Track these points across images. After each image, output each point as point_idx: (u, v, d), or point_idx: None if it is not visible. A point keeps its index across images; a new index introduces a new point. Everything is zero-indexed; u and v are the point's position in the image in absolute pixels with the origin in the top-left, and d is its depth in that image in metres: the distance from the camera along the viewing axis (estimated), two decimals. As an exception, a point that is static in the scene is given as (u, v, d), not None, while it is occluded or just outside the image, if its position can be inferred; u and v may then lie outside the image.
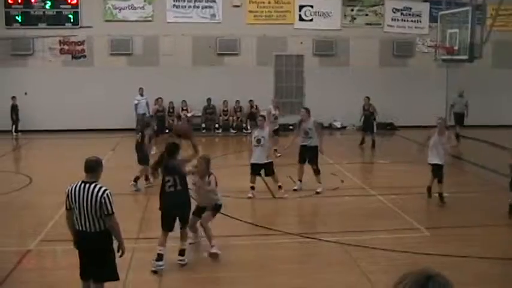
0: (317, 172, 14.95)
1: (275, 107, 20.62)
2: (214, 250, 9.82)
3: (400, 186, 15.75)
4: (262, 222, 12.09)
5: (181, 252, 9.61)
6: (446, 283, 2.32)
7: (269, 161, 14.45)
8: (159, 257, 9.32)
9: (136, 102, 24.62)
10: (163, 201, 9.56)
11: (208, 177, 10.16)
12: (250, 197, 14.25)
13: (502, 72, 28.03)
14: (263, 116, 15.74)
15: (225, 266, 9.66)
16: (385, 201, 14.12)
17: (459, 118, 23.90)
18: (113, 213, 7.30)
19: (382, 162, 19.50)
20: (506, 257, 10.14)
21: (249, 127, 26.54)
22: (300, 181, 15.16)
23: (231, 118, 26.66)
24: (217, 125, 26.62)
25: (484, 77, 27.09)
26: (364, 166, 18.71)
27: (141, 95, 24.67)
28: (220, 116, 26.62)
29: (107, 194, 7.26)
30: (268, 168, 14.45)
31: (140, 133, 15.97)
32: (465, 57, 20.48)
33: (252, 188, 14.44)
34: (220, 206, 10.38)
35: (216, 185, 10.23)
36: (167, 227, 9.54)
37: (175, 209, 9.52)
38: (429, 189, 13.83)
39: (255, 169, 14.48)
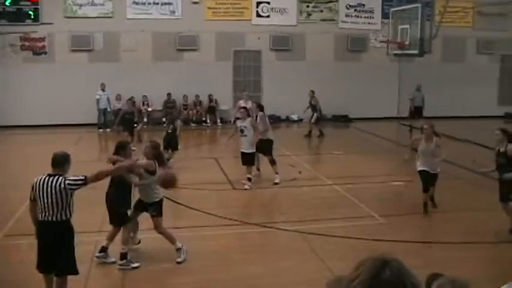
0: (273, 163, 15.46)
1: (245, 101, 20.94)
2: (179, 259, 9.57)
3: (356, 176, 16.27)
4: (223, 213, 12.28)
5: (121, 257, 9.41)
6: (402, 267, 2.31)
7: (250, 151, 14.94)
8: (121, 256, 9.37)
9: (98, 97, 25.13)
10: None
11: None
12: (248, 188, 14.76)
13: (450, 66, 29.13)
14: (245, 108, 16.13)
15: (190, 257, 9.69)
16: (341, 190, 14.56)
17: (418, 111, 24.94)
18: (85, 178, 7.29)
19: (338, 153, 20.04)
20: (457, 241, 10.53)
21: (208, 121, 27.14)
22: (258, 170, 15.89)
23: (190, 112, 27.18)
24: (177, 119, 27.01)
25: (433, 70, 28.06)
26: (321, 157, 19.35)
27: (103, 90, 25.14)
28: (181, 110, 27.09)
29: (67, 178, 7.25)
30: (249, 158, 14.99)
31: (172, 125, 17.54)
32: (416, 52, 21.16)
33: (249, 179, 14.94)
34: (161, 201, 9.80)
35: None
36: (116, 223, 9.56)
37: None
38: (426, 204, 12.39)
39: (244, 158, 15.05)
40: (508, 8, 29.25)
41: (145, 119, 26.33)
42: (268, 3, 27.99)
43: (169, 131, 17.66)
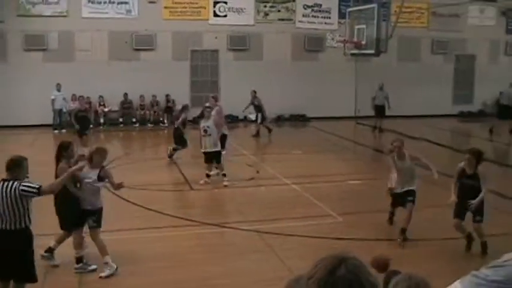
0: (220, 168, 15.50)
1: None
2: (104, 274, 9.09)
3: (314, 175, 16.35)
4: (180, 213, 12.23)
5: (76, 261, 9.25)
6: (358, 265, 2.34)
7: (217, 149, 15.06)
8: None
9: (53, 97, 24.75)
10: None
11: (101, 171, 9.38)
12: (203, 183, 14.89)
13: (406, 65, 29.52)
14: (209, 107, 16.19)
15: (144, 258, 9.65)
16: (299, 189, 14.58)
17: (380, 110, 25.10)
18: (38, 189, 7.03)
19: (296, 153, 20.07)
20: (413, 238, 10.63)
21: (165, 121, 26.95)
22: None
23: (147, 112, 26.96)
24: (134, 119, 26.84)
25: (390, 70, 28.31)
26: (279, 156, 19.34)
27: (58, 90, 24.79)
28: (137, 110, 26.89)
29: (22, 184, 6.98)
30: (215, 156, 15.07)
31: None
32: (372, 51, 21.40)
33: (208, 175, 15.07)
34: (101, 210, 9.43)
35: (110, 181, 9.59)
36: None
37: None
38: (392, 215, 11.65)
39: (207, 157, 15.09)
40: (461, 9, 29.75)
41: (101, 120, 26.05)
42: (226, 3, 27.93)
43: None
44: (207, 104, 18.40)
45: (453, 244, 10.33)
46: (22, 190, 6.99)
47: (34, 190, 7.05)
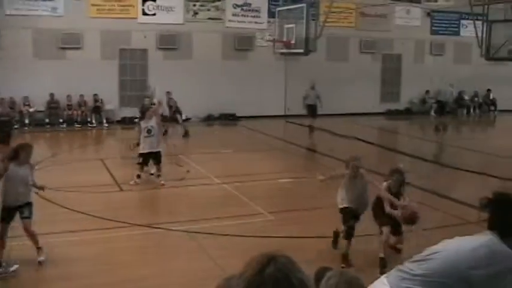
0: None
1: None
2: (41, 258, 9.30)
3: (244, 174, 16.36)
4: (109, 215, 12.00)
5: None
6: (288, 263, 2.37)
7: (159, 149, 14.98)
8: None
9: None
10: None
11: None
12: (134, 184, 14.72)
13: (335, 64, 29.92)
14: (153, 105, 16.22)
15: (74, 261, 9.47)
16: (230, 189, 14.54)
17: (312, 110, 25.05)
18: None
19: (226, 152, 20.04)
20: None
21: (93, 121, 26.48)
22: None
23: (75, 112, 26.41)
24: (61, 120, 26.22)
25: (318, 69, 28.55)
26: (209, 156, 19.24)
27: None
28: (65, 110, 26.28)
29: None
30: (157, 156, 14.95)
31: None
32: (301, 50, 21.62)
33: (139, 176, 14.89)
34: (31, 204, 9.49)
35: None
36: None
37: None
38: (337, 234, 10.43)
39: (147, 158, 14.96)
40: (388, 10, 30.34)
41: (26, 121, 25.40)
42: (154, 1, 27.64)
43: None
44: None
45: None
46: None
47: None
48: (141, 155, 14.99)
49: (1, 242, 9.15)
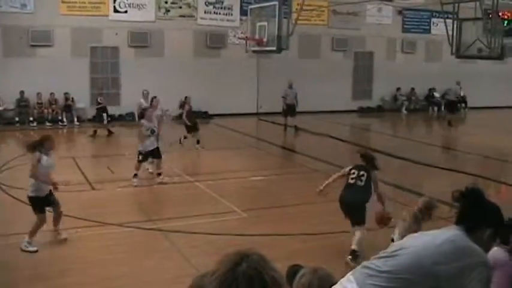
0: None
1: (146, 98, 20.10)
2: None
3: (216, 172, 16.38)
4: (81, 214, 11.88)
5: None
6: (260, 260, 2.39)
7: (157, 146, 15.11)
8: None
9: None
10: None
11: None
12: (136, 185, 14.66)
13: (307, 62, 30.02)
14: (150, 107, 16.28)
15: (46, 261, 9.45)
16: (202, 187, 14.52)
17: (291, 109, 25.05)
18: None
19: (198, 150, 19.99)
20: (313, 232, 10.85)
21: (64, 119, 26.22)
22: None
23: (46, 111, 26.12)
24: (31, 118, 25.89)
25: (291, 66, 28.62)
26: (181, 154, 19.20)
27: None
28: (35, 108, 25.96)
29: None
30: (158, 152, 15.10)
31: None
32: (273, 48, 21.54)
33: (136, 175, 14.84)
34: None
35: None
36: None
37: None
38: None
39: (146, 156, 15.06)
40: (359, 8, 30.47)
41: (-5, 119, 25.13)
42: (126, -2, 27.43)
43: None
44: (144, 103, 19.05)
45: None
46: None
47: None
48: (141, 153, 14.92)
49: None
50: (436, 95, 34.12)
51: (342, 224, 9.97)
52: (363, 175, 9.60)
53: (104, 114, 23.99)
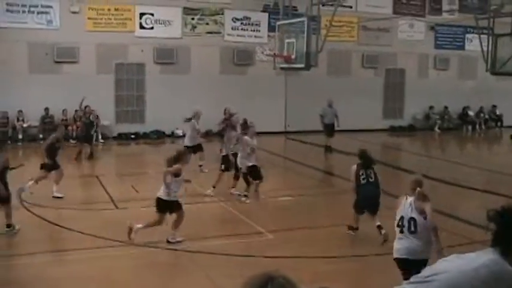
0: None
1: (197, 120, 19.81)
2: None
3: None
4: (105, 233, 11.64)
5: None
6: (286, 283, 2.39)
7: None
8: None
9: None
10: None
11: None
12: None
13: (336, 79, 29.49)
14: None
15: (69, 281, 9.28)
16: (227, 206, 14.27)
17: (330, 129, 23.90)
18: None
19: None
20: (339, 254, 10.59)
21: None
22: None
23: (70, 128, 25.79)
24: (55, 135, 25.53)
25: (319, 84, 28.17)
26: (206, 173, 18.72)
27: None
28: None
29: None
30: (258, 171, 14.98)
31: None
32: (302, 65, 21.13)
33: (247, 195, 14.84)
34: None
35: None
36: None
37: None
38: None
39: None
40: (391, 24, 29.98)
41: (20, 136, 24.78)
42: (152, 14, 27.20)
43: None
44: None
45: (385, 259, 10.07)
46: None
47: None
48: (250, 167, 14.89)
49: None
50: (471, 113, 33.28)
51: (369, 246, 10.15)
52: (370, 172, 11.49)
53: (94, 132, 22.78)
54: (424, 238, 7.65)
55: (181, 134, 26.83)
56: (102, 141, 26.01)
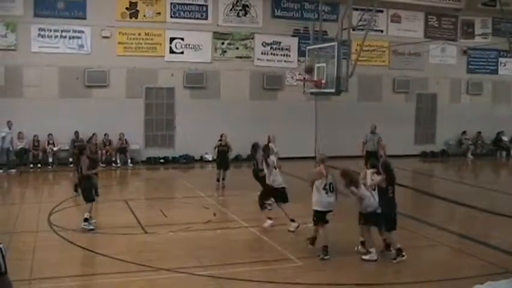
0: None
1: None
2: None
3: (273, 218, 15.54)
4: (133, 258, 11.57)
5: None
6: None
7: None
8: None
9: (3, 134, 23.60)
10: None
11: None
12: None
13: (367, 104, 29.22)
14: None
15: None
16: (257, 233, 14.03)
17: (371, 157, 23.09)
18: (6, 272, 6.06)
19: (253, 194, 19.23)
20: (369, 282, 10.44)
21: (118, 161, 25.86)
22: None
23: (99, 152, 25.78)
24: (85, 159, 25.56)
25: (350, 109, 27.94)
26: (235, 199, 18.51)
27: (9, 128, 23.68)
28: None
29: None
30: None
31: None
32: (332, 90, 20.86)
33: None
34: None
35: None
36: None
37: None
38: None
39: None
40: (422, 48, 29.70)
41: (50, 159, 24.85)
42: (182, 39, 27.28)
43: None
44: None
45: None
46: None
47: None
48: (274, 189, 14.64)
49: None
50: (505, 138, 32.67)
51: (401, 274, 10.03)
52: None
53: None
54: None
55: (210, 159, 26.71)
56: (131, 165, 26.01)
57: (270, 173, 14.65)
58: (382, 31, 29.99)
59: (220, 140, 21.46)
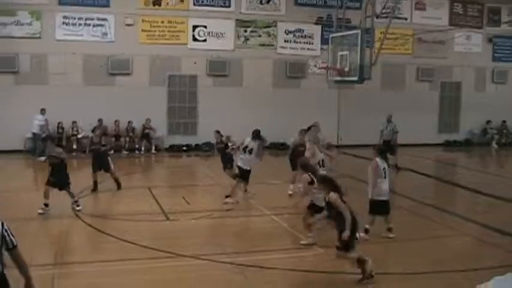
0: None
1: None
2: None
3: (293, 206, 15.43)
4: (156, 245, 11.62)
5: None
6: None
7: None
8: None
9: (37, 122, 23.96)
10: None
11: None
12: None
13: (390, 93, 29.03)
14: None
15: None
16: (279, 220, 14.01)
17: (388, 147, 21.47)
18: (16, 245, 5.91)
19: (274, 183, 19.35)
20: (398, 271, 10.29)
21: (142, 148, 26.00)
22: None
23: (123, 139, 25.96)
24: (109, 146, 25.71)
25: (373, 97, 27.85)
26: (258, 187, 18.51)
27: (43, 115, 24.00)
28: (112, 137, 25.81)
29: (6, 227, 5.86)
30: None
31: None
32: (355, 78, 20.85)
33: None
34: None
35: None
36: None
37: None
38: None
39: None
40: (446, 36, 29.42)
41: (74, 146, 25.03)
42: (205, 27, 27.28)
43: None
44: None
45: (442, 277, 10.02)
46: (5, 230, 5.85)
47: (13, 243, 5.87)
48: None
49: None
50: (530, 128, 32.33)
51: (429, 263, 9.85)
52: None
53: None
54: None
55: (233, 147, 26.73)
56: (154, 152, 26.15)
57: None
58: (406, 19, 29.76)
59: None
